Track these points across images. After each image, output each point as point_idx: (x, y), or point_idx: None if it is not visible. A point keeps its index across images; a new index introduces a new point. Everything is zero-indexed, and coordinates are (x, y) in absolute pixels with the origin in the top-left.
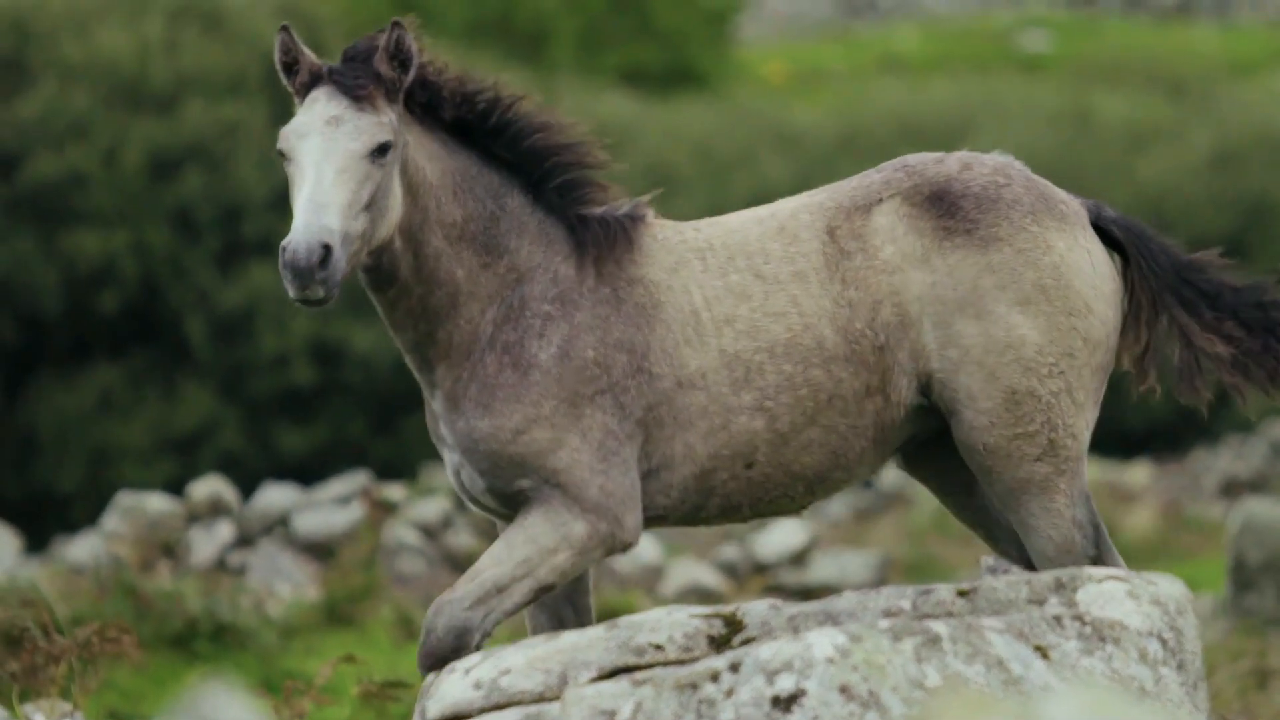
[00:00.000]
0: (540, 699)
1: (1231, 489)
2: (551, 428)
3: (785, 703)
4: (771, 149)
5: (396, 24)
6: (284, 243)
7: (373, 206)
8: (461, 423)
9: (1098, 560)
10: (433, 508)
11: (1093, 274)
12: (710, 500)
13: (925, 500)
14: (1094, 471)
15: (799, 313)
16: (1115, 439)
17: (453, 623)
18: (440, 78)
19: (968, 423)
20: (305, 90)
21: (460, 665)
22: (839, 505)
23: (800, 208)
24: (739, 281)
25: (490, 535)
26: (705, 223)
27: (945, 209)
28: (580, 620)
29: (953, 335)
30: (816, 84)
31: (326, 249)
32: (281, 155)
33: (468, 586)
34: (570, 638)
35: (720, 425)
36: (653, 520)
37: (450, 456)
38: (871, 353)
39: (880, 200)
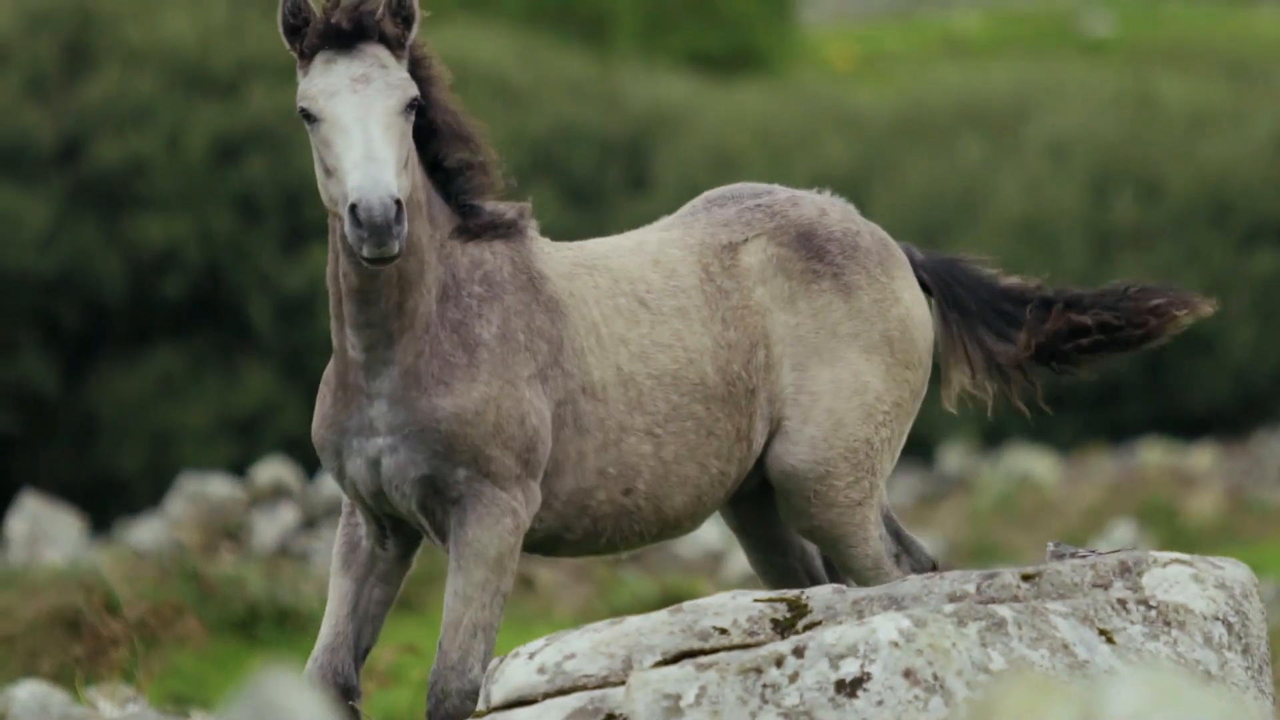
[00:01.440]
0: (605, 683)
1: None
2: (496, 411)
3: (850, 687)
4: (832, 132)
5: None
6: (354, 200)
7: (408, 164)
8: (424, 401)
9: (899, 556)
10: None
11: (926, 327)
12: (579, 522)
13: (988, 484)
14: (1156, 455)
15: (683, 347)
16: (1177, 422)
17: (463, 687)
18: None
19: (803, 467)
20: (314, 51)
21: (524, 650)
22: (902, 490)
23: (667, 242)
24: (627, 305)
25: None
26: (571, 246)
27: (813, 252)
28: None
29: (807, 380)
30: (878, 67)
31: (398, 203)
32: (308, 116)
33: (459, 645)
34: (635, 622)
35: (613, 441)
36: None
37: (371, 444)
38: (744, 396)
39: (745, 240)
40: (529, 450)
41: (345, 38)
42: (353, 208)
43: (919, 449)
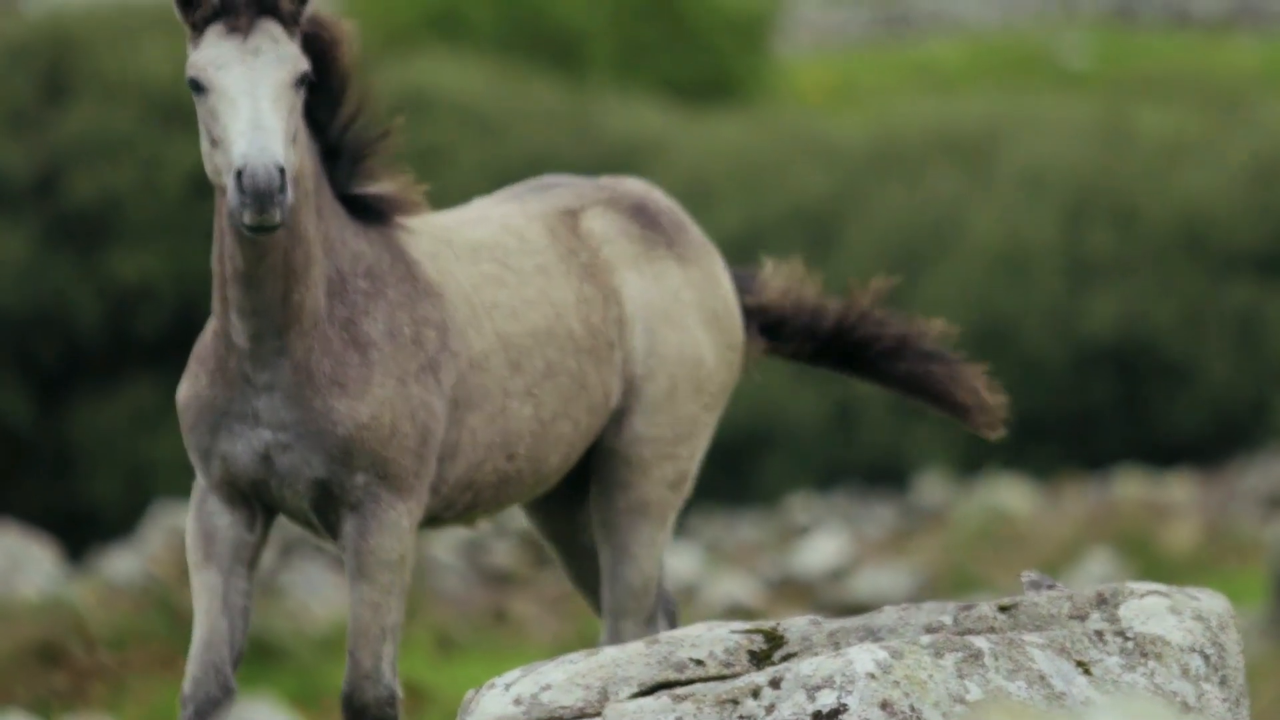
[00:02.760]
0: (581, 715)
1: (1274, 502)
2: (391, 412)
3: (827, 718)
4: (806, 162)
5: None
6: (238, 166)
7: (295, 139)
8: (319, 402)
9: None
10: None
11: (740, 317)
12: (462, 498)
13: (964, 515)
14: (1133, 485)
15: (550, 302)
16: (1154, 450)
17: (381, 695)
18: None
19: (634, 431)
20: (205, 24)
21: (500, 681)
22: (878, 520)
23: (507, 213)
24: (491, 270)
25: (531, 551)
26: (423, 222)
27: (648, 221)
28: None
29: (656, 342)
30: (853, 97)
31: (283, 171)
32: (196, 87)
33: (371, 653)
34: (611, 653)
35: (499, 409)
36: None
37: (258, 436)
38: (605, 348)
39: (583, 207)
40: (423, 447)
41: (237, 11)
42: (238, 174)
43: (893, 479)
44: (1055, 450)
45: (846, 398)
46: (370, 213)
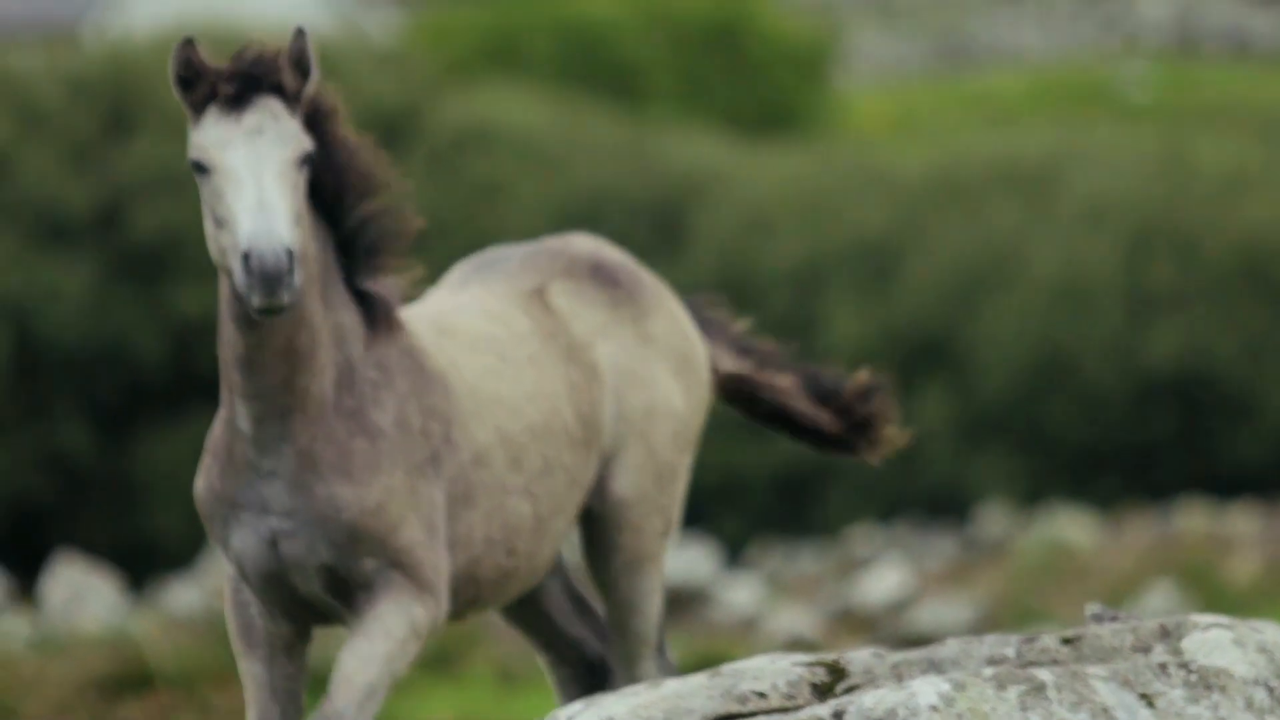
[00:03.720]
0: None
1: None
2: (400, 502)
3: None
4: (866, 194)
5: (301, 31)
6: (244, 248)
7: (300, 219)
8: (321, 488)
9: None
10: None
11: (704, 354)
12: (465, 591)
13: (1025, 547)
14: (1195, 517)
15: (545, 395)
16: (1215, 482)
17: None
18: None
19: (618, 495)
20: (205, 103)
21: (563, 713)
22: (939, 552)
23: (480, 297)
24: (490, 363)
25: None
26: (413, 311)
27: (607, 279)
28: None
29: (625, 407)
30: (914, 129)
31: (291, 253)
32: (198, 168)
33: (348, 695)
34: (673, 685)
35: (498, 506)
36: None
37: (264, 524)
38: (595, 435)
39: (545, 283)
40: (432, 538)
41: (238, 90)
42: (245, 256)
43: (954, 510)
44: (1116, 482)
45: (908, 428)
46: (377, 305)
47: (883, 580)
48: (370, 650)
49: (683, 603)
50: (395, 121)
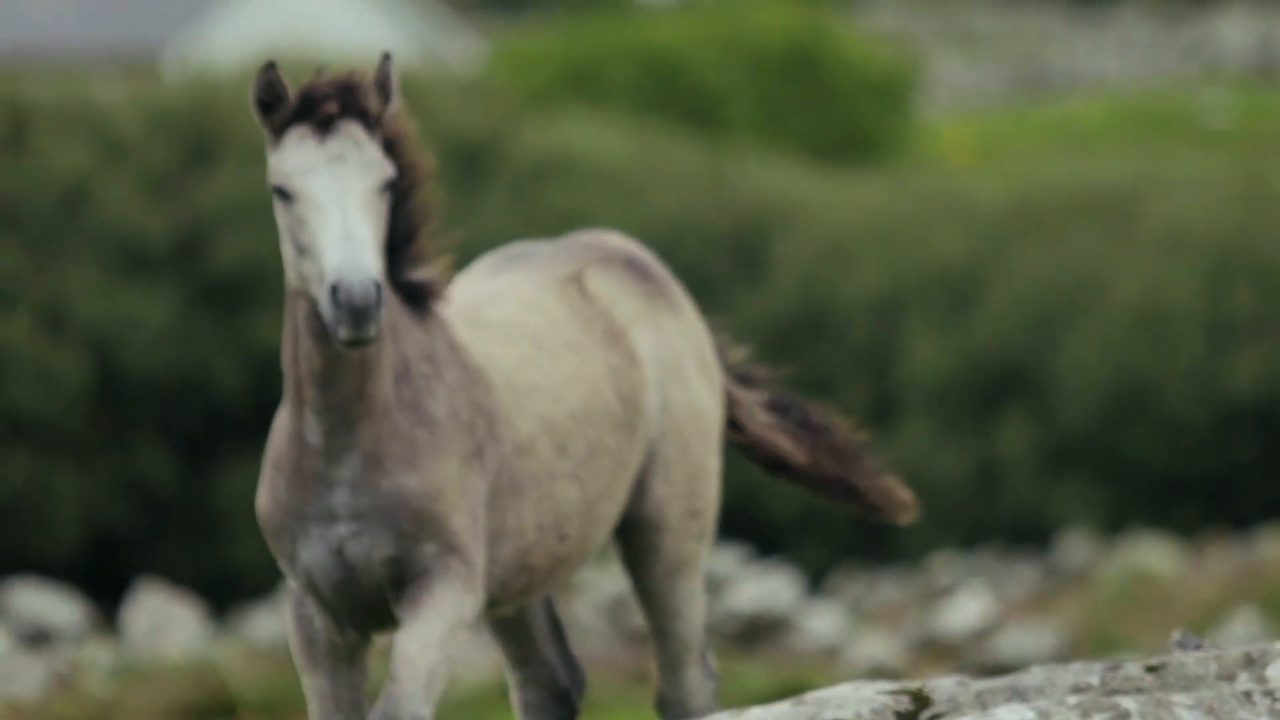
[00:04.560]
0: None
1: None
2: (455, 489)
3: None
4: (946, 222)
5: (388, 56)
6: (333, 281)
7: (381, 246)
8: (387, 483)
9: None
10: (613, 586)
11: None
12: (517, 580)
13: (1107, 575)
14: (1275, 544)
15: (585, 380)
16: None
17: (419, 714)
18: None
19: (657, 495)
20: (285, 126)
21: None
22: (1021, 580)
23: (517, 285)
24: (526, 352)
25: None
26: (450, 306)
27: (642, 273)
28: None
29: (667, 400)
30: (994, 157)
31: (378, 286)
32: (280, 194)
33: (413, 678)
34: (756, 714)
35: (546, 494)
36: None
37: (332, 533)
38: (636, 417)
39: (582, 270)
40: (476, 527)
41: (320, 114)
42: (333, 289)
43: (1036, 538)
44: (1198, 510)
45: (989, 457)
46: (417, 297)
47: (964, 608)
48: (429, 633)
49: (764, 631)
50: (476, 151)
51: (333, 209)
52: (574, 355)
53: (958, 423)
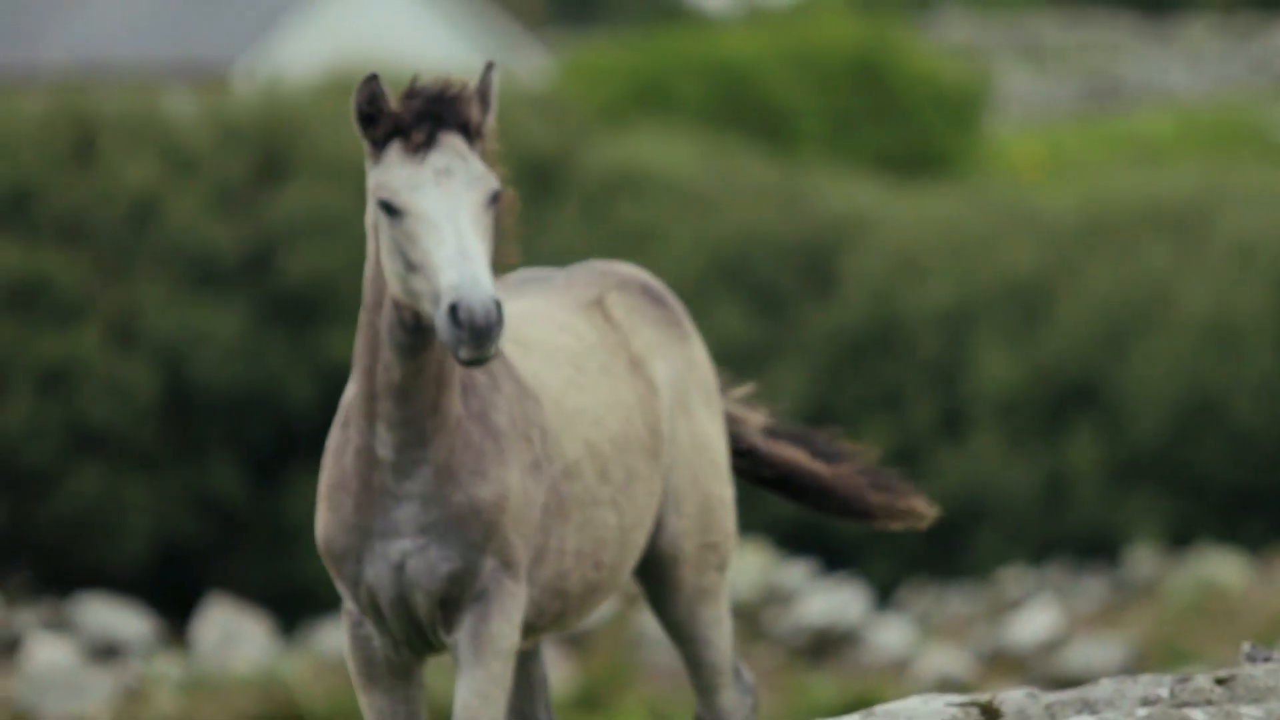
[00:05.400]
0: None
1: None
2: (520, 499)
3: None
4: (1017, 235)
5: (491, 66)
6: (453, 300)
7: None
8: (460, 495)
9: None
10: None
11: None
12: (552, 606)
13: (1176, 587)
14: None
15: (621, 405)
16: None
17: None
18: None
19: (671, 529)
20: (387, 139)
21: None
22: (1089, 593)
23: (542, 306)
24: (569, 374)
25: (742, 624)
26: None
27: (657, 300)
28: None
29: (675, 431)
30: (1064, 170)
31: (499, 304)
32: (388, 210)
33: None
34: None
35: (588, 519)
36: None
37: (395, 548)
38: (660, 446)
39: (602, 295)
40: (530, 540)
41: (423, 127)
42: (452, 308)
43: (1104, 552)
44: (1267, 523)
45: (1058, 470)
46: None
47: (1033, 621)
48: (488, 682)
49: (833, 644)
50: (548, 165)
51: (446, 225)
52: (609, 380)
53: (1026, 436)
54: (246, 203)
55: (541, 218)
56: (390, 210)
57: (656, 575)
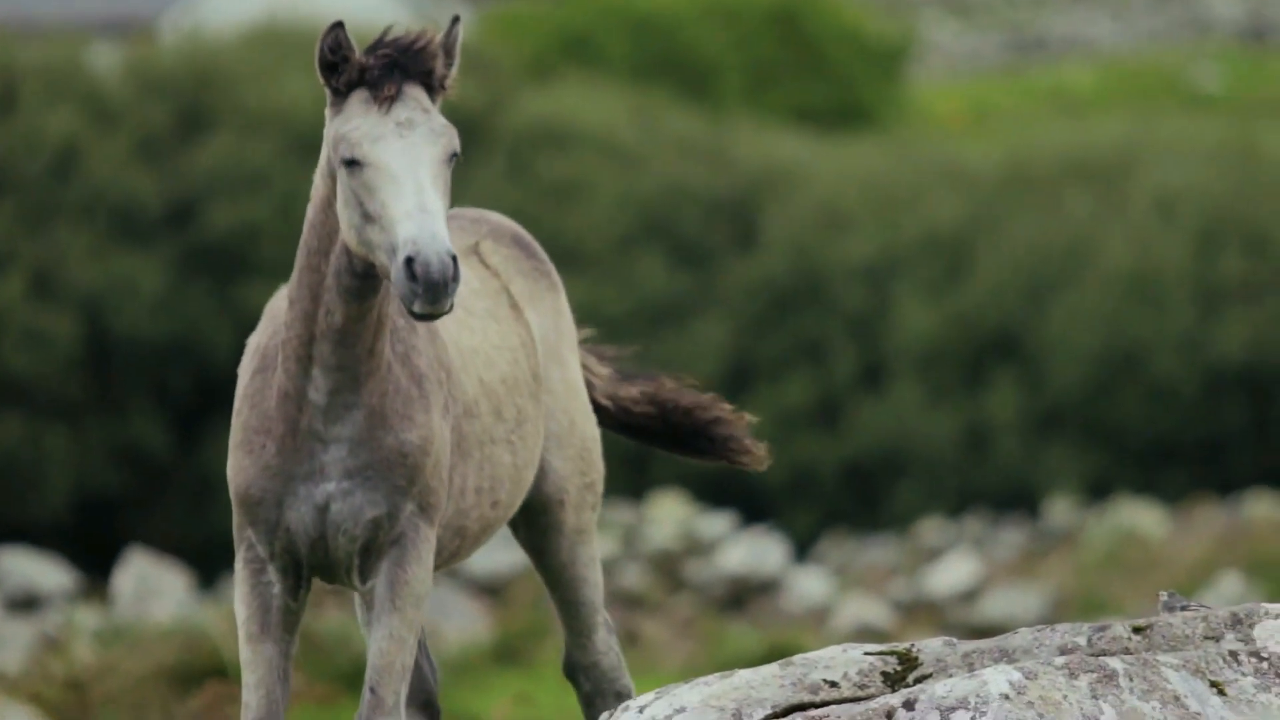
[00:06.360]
0: None
1: None
2: (440, 442)
3: None
4: (940, 188)
5: (457, 20)
6: (409, 254)
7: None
8: (390, 439)
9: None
10: (601, 548)
11: None
12: (451, 543)
13: (1095, 537)
14: (1265, 507)
15: (508, 347)
16: None
17: None
18: None
19: (556, 471)
20: (349, 89)
21: (634, 703)
22: (1008, 543)
23: None
24: (458, 315)
25: (663, 574)
26: None
27: (529, 251)
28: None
29: (549, 379)
30: (987, 123)
31: (455, 259)
32: (350, 162)
33: (393, 690)
34: (744, 675)
35: (486, 457)
36: None
37: (320, 490)
38: (540, 391)
39: (477, 242)
40: (446, 482)
41: (386, 79)
42: (408, 260)
43: (1023, 503)
44: (1186, 474)
45: (978, 422)
46: None
47: (952, 571)
48: (402, 626)
49: (753, 593)
50: (473, 119)
51: (406, 178)
52: (495, 324)
53: (947, 388)
54: (169, 154)
55: (466, 172)
56: (350, 161)
57: (539, 517)
